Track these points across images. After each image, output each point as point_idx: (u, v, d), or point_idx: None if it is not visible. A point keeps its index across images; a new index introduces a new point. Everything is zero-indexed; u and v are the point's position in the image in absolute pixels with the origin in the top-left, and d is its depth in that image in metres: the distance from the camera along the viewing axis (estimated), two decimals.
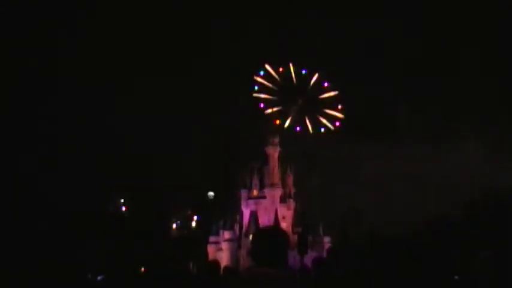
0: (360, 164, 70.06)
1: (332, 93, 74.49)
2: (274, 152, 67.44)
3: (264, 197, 64.71)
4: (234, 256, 59.81)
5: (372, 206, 61.81)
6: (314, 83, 74.54)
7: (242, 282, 3.66)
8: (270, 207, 63.70)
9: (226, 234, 63.43)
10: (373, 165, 69.98)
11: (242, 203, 65.81)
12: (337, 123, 71.08)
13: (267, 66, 73.22)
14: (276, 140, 68.10)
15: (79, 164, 62.09)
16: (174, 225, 69.31)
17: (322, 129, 69.71)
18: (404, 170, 70.13)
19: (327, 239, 61.11)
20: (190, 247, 56.13)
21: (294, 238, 44.85)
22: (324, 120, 72.74)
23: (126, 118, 68.86)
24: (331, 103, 74.12)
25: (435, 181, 66.90)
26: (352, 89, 73.74)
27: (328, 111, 71.12)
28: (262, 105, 68.22)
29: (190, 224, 67.80)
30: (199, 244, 61.94)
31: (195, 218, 70.04)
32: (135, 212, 61.19)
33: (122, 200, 64.84)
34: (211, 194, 65.08)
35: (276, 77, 71.39)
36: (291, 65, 74.22)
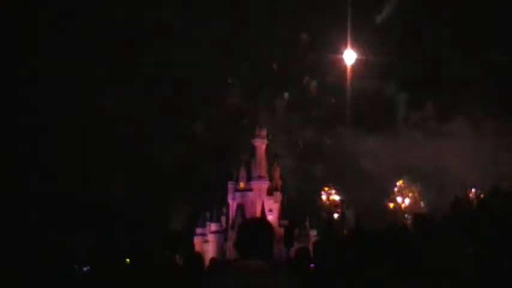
0: (352, 157, 69.88)
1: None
2: (261, 144, 67.21)
3: (251, 190, 64.77)
4: (221, 248, 59.80)
5: (362, 199, 61.83)
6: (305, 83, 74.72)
7: (225, 275, 3.63)
8: (257, 199, 63.76)
9: (213, 227, 63.41)
10: (365, 158, 69.74)
11: (229, 195, 65.74)
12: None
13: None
14: (264, 132, 67.95)
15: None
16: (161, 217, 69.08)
17: None
18: (399, 163, 70.06)
19: (313, 232, 61.21)
20: (176, 239, 56.01)
21: (280, 231, 45.03)
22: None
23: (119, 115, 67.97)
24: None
25: (429, 175, 66.90)
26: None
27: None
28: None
29: (177, 216, 67.65)
30: (186, 236, 61.89)
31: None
32: (121, 204, 60.98)
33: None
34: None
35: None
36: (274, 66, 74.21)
